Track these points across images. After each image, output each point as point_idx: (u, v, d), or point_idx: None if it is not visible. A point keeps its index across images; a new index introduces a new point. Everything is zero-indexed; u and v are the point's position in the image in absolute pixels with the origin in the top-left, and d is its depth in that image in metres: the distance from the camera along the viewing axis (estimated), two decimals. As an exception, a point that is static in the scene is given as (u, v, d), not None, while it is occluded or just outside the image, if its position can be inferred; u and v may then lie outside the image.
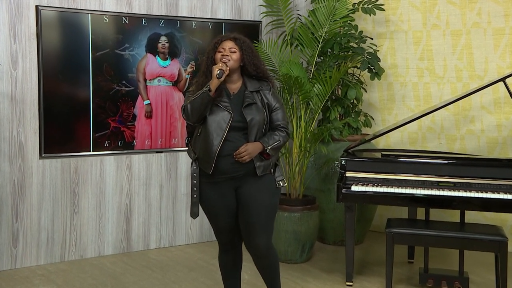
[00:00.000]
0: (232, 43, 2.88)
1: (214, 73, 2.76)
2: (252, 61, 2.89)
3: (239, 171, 2.82)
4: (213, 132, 2.77)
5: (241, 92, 2.89)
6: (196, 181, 2.84)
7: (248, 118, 2.81)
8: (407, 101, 4.90)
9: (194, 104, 2.76)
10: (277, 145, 2.85)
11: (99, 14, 4.11)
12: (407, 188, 3.53)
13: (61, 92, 4.05)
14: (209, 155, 2.77)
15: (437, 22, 4.71)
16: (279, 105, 2.93)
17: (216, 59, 2.86)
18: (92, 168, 4.22)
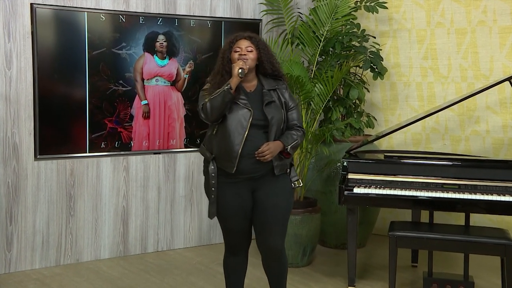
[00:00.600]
0: (248, 42, 2.91)
1: (235, 72, 2.79)
2: (269, 59, 2.93)
3: (258, 171, 2.85)
4: (233, 131, 2.79)
5: (258, 90, 2.93)
6: (214, 181, 2.85)
7: (269, 116, 2.84)
8: (410, 101, 4.89)
9: (214, 102, 2.77)
10: (295, 144, 2.91)
11: (95, 12, 4.10)
12: (410, 190, 3.52)
13: (56, 92, 4.04)
14: (230, 154, 2.79)
15: (441, 20, 4.70)
16: (295, 105, 2.98)
17: (233, 59, 2.89)
18: (88, 169, 4.21)
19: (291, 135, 2.91)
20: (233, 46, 2.91)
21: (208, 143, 2.93)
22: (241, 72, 2.79)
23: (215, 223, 4.73)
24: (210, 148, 2.90)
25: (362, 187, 3.59)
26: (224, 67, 2.90)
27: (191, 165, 4.59)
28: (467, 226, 3.64)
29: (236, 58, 2.87)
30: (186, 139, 4.55)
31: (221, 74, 2.90)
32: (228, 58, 2.91)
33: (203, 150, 2.95)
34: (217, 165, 2.86)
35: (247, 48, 2.89)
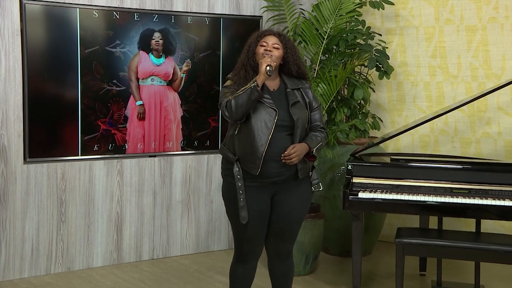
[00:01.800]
0: (275, 39, 2.91)
1: (262, 69, 2.78)
2: (295, 61, 2.94)
3: (282, 174, 2.85)
4: (258, 131, 2.78)
5: (281, 90, 2.93)
6: (241, 183, 2.83)
7: (295, 117, 2.84)
8: (418, 101, 4.88)
9: (239, 100, 2.75)
10: (320, 146, 2.92)
11: (88, 8, 4.09)
12: (418, 195, 3.51)
13: (47, 92, 4.03)
14: (255, 155, 2.78)
15: (450, 17, 4.69)
16: (318, 105, 3.00)
17: (258, 53, 2.90)
18: (80, 173, 4.20)
19: (315, 136, 2.92)
20: (260, 41, 2.92)
21: (230, 143, 2.91)
22: (269, 69, 2.77)
23: (213, 229, 4.71)
24: (233, 149, 2.88)
25: (368, 191, 3.58)
26: (249, 61, 2.91)
27: (188, 168, 4.57)
28: (477, 233, 3.62)
29: (261, 53, 2.88)
30: (183, 141, 4.54)
31: (244, 69, 2.91)
32: (254, 52, 2.91)
33: (225, 151, 2.93)
34: (241, 167, 2.84)
35: (273, 44, 2.89)
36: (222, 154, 2.96)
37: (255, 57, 2.90)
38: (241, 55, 2.98)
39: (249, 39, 2.99)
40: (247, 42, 2.99)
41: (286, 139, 2.84)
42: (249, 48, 2.93)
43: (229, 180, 2.89)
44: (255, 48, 2.91)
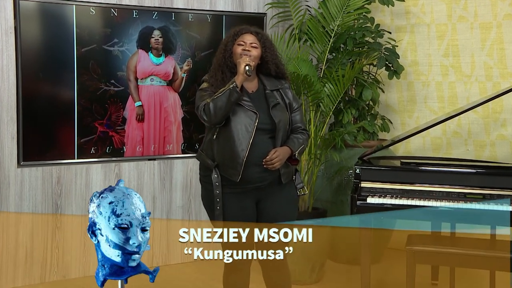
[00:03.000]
0: (253, 38, 2.89)
1: (241, 69, 2.76)
2: (274, 60, 2.92)
3: (265, 179, 2.84)
4: (238, 135, 2.77)
5: (260, 91, 2.91)
6: (218, 191, 2.82)
7: (277, 119, 2.83)
8: (429, 102, 4.87)
9: (218, 102, 2.74)
10: (302, 149, 2.91)
11: (84, 5, 4.09)
12: (430, 201, 3.49)
13: (42, 92, 4.03)
14: (235, 160, 2.77)
15: (464, 13, 4.68)
16: (298, 105, 2.98)
17: (236, 53, 2.87)
18: (76, 177, 4.20)
19: (297, 139, 2.91)
20: (237, 39, 2.89)
21: (208, 148, 2.90)
22: (248, 69, 2.76)
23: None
24: (211, 155, 2.87)
25: (377, 196, 3.56)
26: (226, 61, 2.89)
27: (189, 172, 4.57)
28: (493, 240, 3.60)
29: (239, 52, 2.85)
30: (184, 144, 4.54)
31: (221, 71, 2.89)
32: (231, 52, 2.89)
33: (203, 157, 2.92)
34: (220, 173, 2.83)
35: (251, 44, 2.88)
36: (199, 161, 2.94)
37: (232, 57, 2.88)
38: (216, 55, 2.95)
39: (224, 38, 2.97)
40: (222, 41, 2.97)
41: (268, 143, 2.83)
42: (225, 47, 2.90)
43: (208, 187, 2.88)
44: (232, 48, 2.88)
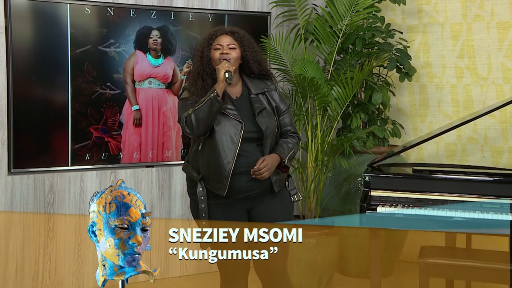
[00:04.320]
0: (229, 38, 2.87)
1: (221, 76, 2.74)
2: (255, 58, 2.89)
3: (255, 189, 2.83)
4: (223, 146, 2.76)
5: (245, 96, 2.89)
6: (204, 205, 2.82)
7: (263, 126, 2.82)
8: (443, 106, 4.85)
9: (199, 113, 2.73)
10: (292, 155, 2.90)
11: (79, 4, 4.10)
12: (444, 210, 3.47)
13: (34, 96, 4.03)
14: (220, 173, 2.76)
15: (480, 12, 4.67)
16: (286, 107, 2.96)
17: (214, 58, 2.85)
18: (70, 185, 4.19)
19: (286, 144, 2.89)
20: (213, 43, 2.87)
21: (193, 160, 2.90)
22: (228, 76, 2.73)
23: (216, 247, 4.68)
24: (197, 167, 2.87)
25: (387, 206, 3.54)
26: (205, 69, 2.86)
27: (189, 180, 4.55)
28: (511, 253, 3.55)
29: (217, 57, 2.83)
30: (184, 150, 4.54)
31: (201, 78, 2.87)
32: (208, 58, 2.86)
33: (189, 169, 2.92)
34: (205, 187, 2.82)
35: (229, 45, 2.85)
36: (185, 173, 2.94)
37: (211, 63, 2.85)
38: (194, 62, 2.94)
39: (199, 43, 2.95)
40: (197, 47, 2.95)
41: (256, 151, 2.82)
42: (202, 54, 2.88)
43: (194, 199, 2.88)
44: (209, 53, 2.86)
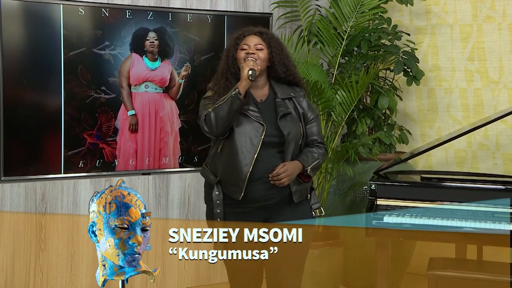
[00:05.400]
0: (257, 39, 2.88)
1: (244, 73, 2.76)
2: (282, 60, 2.90)
3: (272, 198, 2.82)
4: (242, 148, 2.76)
5: (270, 100, 2.90)
6: (219, 210, 2.82)
7: (285, 131, 2.81)
8: (453, 111, 4.85)
9: (219, 111, 2.73)
10: (317, 165, 2.89)
11: (73, 5, 4.09)
12: (453, 220, 3.45)
13: (25, 100, 4.02)
14: (237, 176, 2.76)
15: (491, 13, 4.67)
16: (315, 116, 2.96)
17: (239, 58, 2.87)
18: (63, 194, 4.19)
19: (311, 153, 2.88)
20: (240, 43, 2.89)
21: (212, 163, 2.90)
22: (251, 73, 2.76)
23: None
24: (215, 170, 2.87)
25: (394, 215, 3.53)
26: (229, 68, 2.89)
27: (187, 188, 4.55)
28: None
29: (242, 57, 2.85)
30: (182, 157, 4.52)
31: (225, 78, 2.89)
32: (234, 58, 2.89)
33: (206, 173, 2.91)
34: (222, 191, 2.82)
35: (256, 45, 2.87)
36: (204, 177, 2.94)
37: (236, 63, 2.87)
38: (220, 62, 2.96)
39: (227, 43, 2.97)
40: (226, 46, 2.98)
41: (276, 157, 2.81)
42: (228, 53, 2.91)
43: (210, 206, 2.88)
44: (235, 53, 2.88)
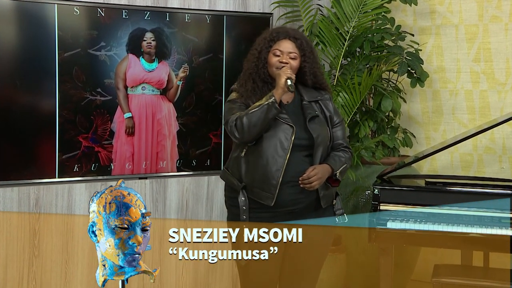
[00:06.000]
0: (292, 45, 2.85)
1: (281, 82, 2.74)
2: (312, 70, 2.90)
3: (300, 202, 2.82)
4: (272, 153, 2.75)
5: (296, 102, 2.90)
6: (245, 216, 2.82)
7: (315, 134, 2.81)
8: (458, 113, 4.86)
9: (253, 118, 2.71)
10: (344, 169, 2.89)
11: (67, 4, 4.08)
12: (459, 226, 3.46)
13: (18, 102, 4.01)
14: (268, 181, 2.75)
15: (497, 13, 4.68)
16: (340, 120, 2.96)
17: (271, 63, 2.84)
18: (57, 199, 4.17)
19: (338, 157, 2.88)
20: (273, 46, 2.85)
21: (234, 167, 2.88)
22: (291, 84, 2.74)
23: (214, 265, 4.64)
24: (238, 174, 2.85)
25: (398, 221, 3.53)
26: (259, 71, 2.86)
27: (185, 192, 4.54)
28: (517, 271, 3.57)
29: (275, 64, 2.83)
30: (179, 160, 4.51)
31: (252, 80, 2.86)
32: (265, 61, 2.85)
33: (228, 176, 2.90)
34: (248, 196, 2.81)
35: (290, 53, 2.84)
36: (224, 180, 2.92)
37: (267, 67, 2.85)
38: (247, 61, 2.93)
39: (257, 42, 2.93)
40: (254, 45, 2.93)
41: (304, 161, 2.81)
42: (259, 55, 2.87)
43: (234, 211, 2.86)
44: (267, 56, 2.85)
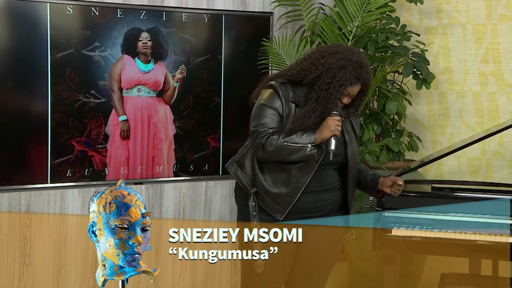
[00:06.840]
0: (359, 89, 2.82)
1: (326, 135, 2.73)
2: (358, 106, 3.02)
3: (321, 210, 2.87)
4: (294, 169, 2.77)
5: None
6: (256, 221, 2.83)
7: (349, 153, 2.89)
8: (465, 116, 4.85)
9: (285, 151, 2.70)
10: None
11: (60, 3, 4.09)
12: (467, 233, 3.43)
13: (9, 105, 4.02)
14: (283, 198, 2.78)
15: (506, 12, 4.68)
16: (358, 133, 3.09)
17: (340, 97, 2.78)
18: (49, 205, 4.18)
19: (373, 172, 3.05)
20: (353, 84, 2.77)
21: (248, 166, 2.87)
22: (333, 150, 2.76)
23: (212, 271, 4.62)
24: (251, 176, 2.84)
25: (403, 228, 3.52)
26: (327, 103, 2.75)
27: (182, 198, 4.55)
28: (518, 279, 3.56)
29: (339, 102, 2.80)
30: (176, 165, 4.52)
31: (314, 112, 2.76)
32: (340, 95, 2.77)
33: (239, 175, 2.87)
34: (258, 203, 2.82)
35: (352, 96, 2.82)
36: (234, 176, 2.89)
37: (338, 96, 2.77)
38: (322, 77, 2.75)
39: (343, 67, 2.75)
40: (336, 63, 2.74)
41: (331, 173, 2.87)
42: (339, 84, 2.73)
43: (244, 210, 2.88)
44: (345, 89, 2.76)
